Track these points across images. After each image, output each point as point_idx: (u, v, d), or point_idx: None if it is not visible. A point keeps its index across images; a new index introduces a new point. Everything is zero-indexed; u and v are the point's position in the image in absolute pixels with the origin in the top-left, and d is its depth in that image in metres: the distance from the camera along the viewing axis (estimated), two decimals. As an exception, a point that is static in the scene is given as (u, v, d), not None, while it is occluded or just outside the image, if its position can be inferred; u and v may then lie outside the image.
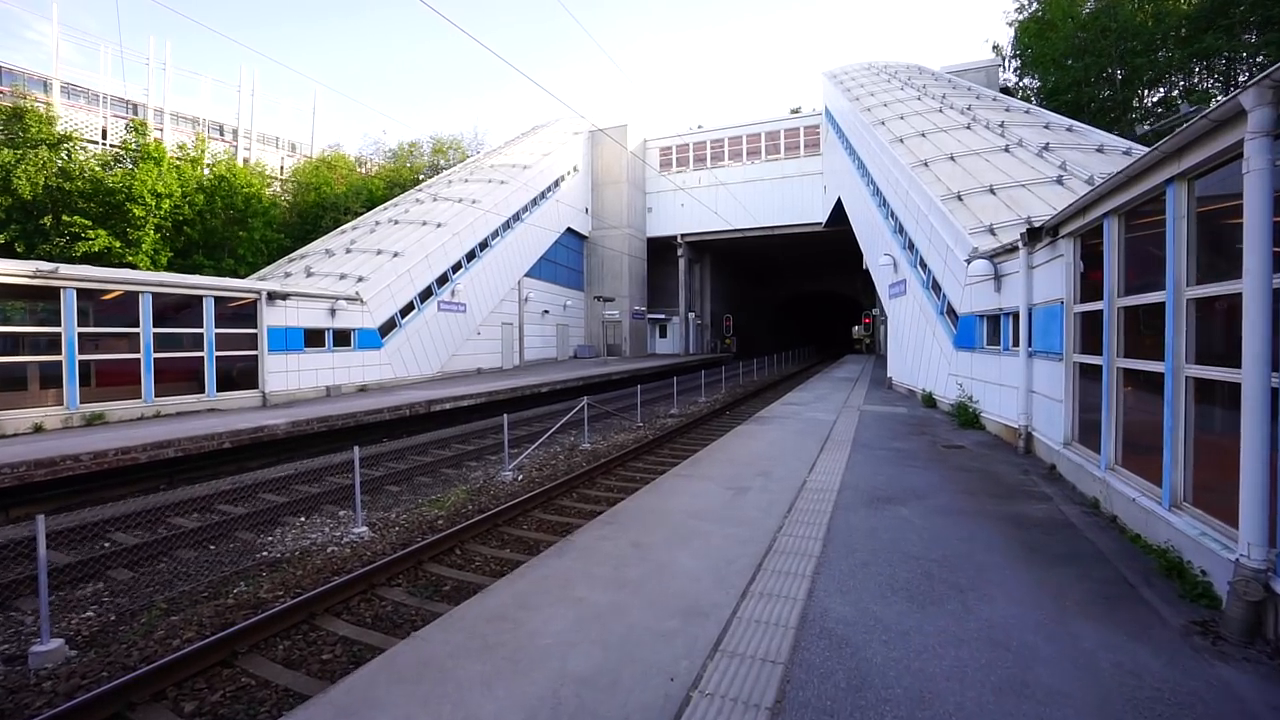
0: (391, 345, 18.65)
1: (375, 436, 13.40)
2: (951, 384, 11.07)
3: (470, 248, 23.52)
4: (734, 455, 7.78)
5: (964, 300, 10.34)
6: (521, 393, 17.72)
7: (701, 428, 14.62)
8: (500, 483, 9.90)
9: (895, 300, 15.97)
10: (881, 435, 9.20)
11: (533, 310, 29.53)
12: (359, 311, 17.30)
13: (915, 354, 14.03)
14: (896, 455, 7.58)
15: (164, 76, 53.91)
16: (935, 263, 12.15)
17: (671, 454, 11.68)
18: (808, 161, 35.84)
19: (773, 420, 10.97)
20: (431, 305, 20.77)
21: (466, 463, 11.46)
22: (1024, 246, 7.44)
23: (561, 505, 8.52)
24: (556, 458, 11.83)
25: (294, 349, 14.98)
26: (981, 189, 11.98)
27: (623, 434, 14.31)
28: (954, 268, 10.87)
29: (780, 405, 13.24)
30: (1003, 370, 8.57)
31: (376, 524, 7.86)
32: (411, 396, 15.20)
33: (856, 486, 5.98)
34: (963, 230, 10.37)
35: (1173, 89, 23.74)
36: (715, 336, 45.45)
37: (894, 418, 11.15)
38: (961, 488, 5.92)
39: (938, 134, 16.63)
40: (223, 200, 20.09)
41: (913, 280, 13.98)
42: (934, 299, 12.41)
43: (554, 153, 32.60)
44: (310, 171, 30.31)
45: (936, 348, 12.17)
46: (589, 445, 12.83)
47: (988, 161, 13.51)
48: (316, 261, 19.87)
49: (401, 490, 9.56)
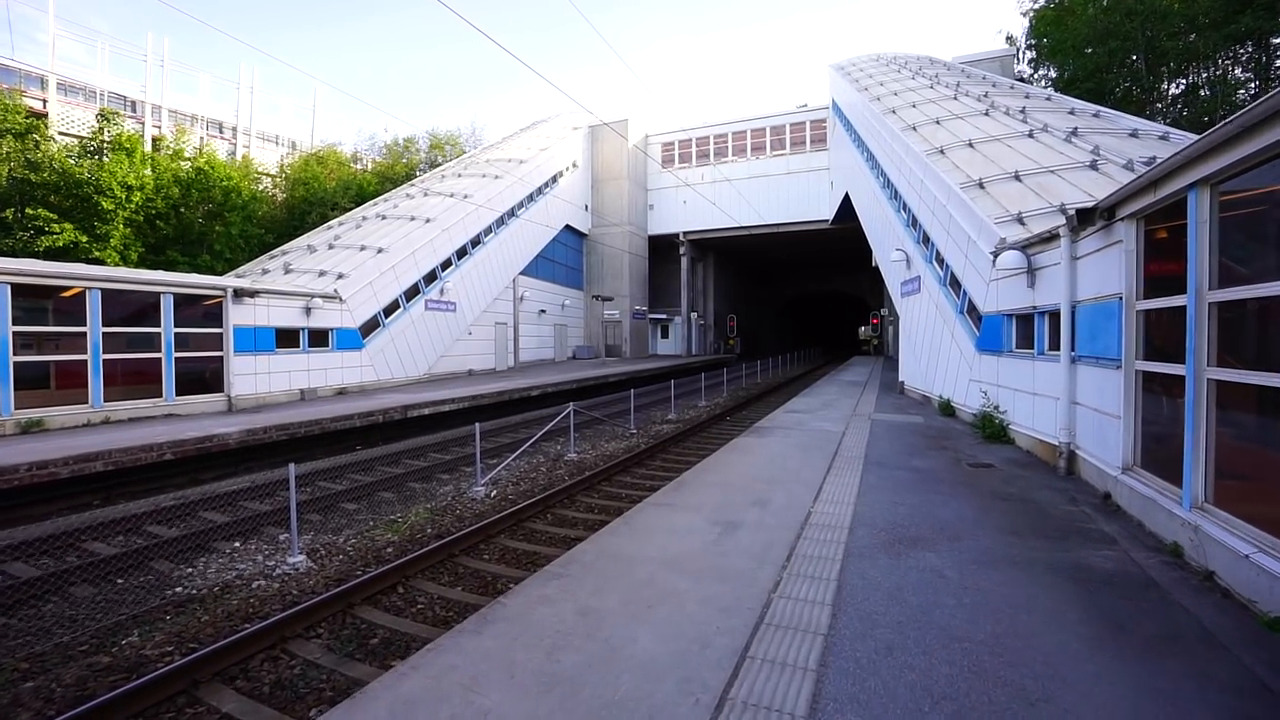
0: (374, 346, 17.71)
1: (347, 444, 12.45)
2: (973, 391, 9.97)
3: (461, 244, 22.57)
4: (727, 475, 6.74)
5: (988, 298, 9.25)
6: (509, 396, 16.74)
7: (698, 436, 13.58)
8: (470, 500, 8.90)
9: (908, 299, 14.87)
10: (897, 450, 8.13)
11: (529, 310, 28.57)
12: (338, 310, 16.36)
13: (931, 357, 12.94)
14: (917, 477, 6.51)
15: (162, 73, 53.51)
16: (954, 257, 11.06)
17: (662, 467, 10.65)
18: (814, 157, 34.70)
19: (774, 431, 9.92)
20: (418, 304, 19.84)
21: (438, 475, 10.47)
22: (1067, 234, 6.36)
23: (531, 529, 7.51)
24: (538, 469, 10.83)
25: (264, 350, 14.05)
26: (1005, 175, 10.88)
27: (614, 442, 13.29)
28: (977, 261, 9.78)
29: (783, 413, 12.18)
30: (1037, 377, 7.48)
31: (319, 551, 6.88)
32: (389, 401, 14.25)
33: (872, 521, 4.93)
34: (987, 219, 9.28)
35: (1198, 76, 22.47)
36: (718, 337, 44.36)
37: (909, 428, 10.07)
38: (1002, 523, 4.85)
39: (953, 121, 15.51)
40: (199, 193, 19.22)
41: (928, 277, 12.88)
42: (952, 297, 11.31)
43: (551, 147, 31.63)
44: (300, 167, 29.47)
45: (955, 350, 11.08)
46: (575, 455, 11.82)
47: (1010, 147, 12.40)
48: (297, 258, 18.97)
49: (359, 508, 8.58)
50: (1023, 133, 13.04)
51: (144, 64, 52.24)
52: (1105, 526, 4.70)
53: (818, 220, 34.56)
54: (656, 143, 38.72)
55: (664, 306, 40.81)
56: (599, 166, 36.38)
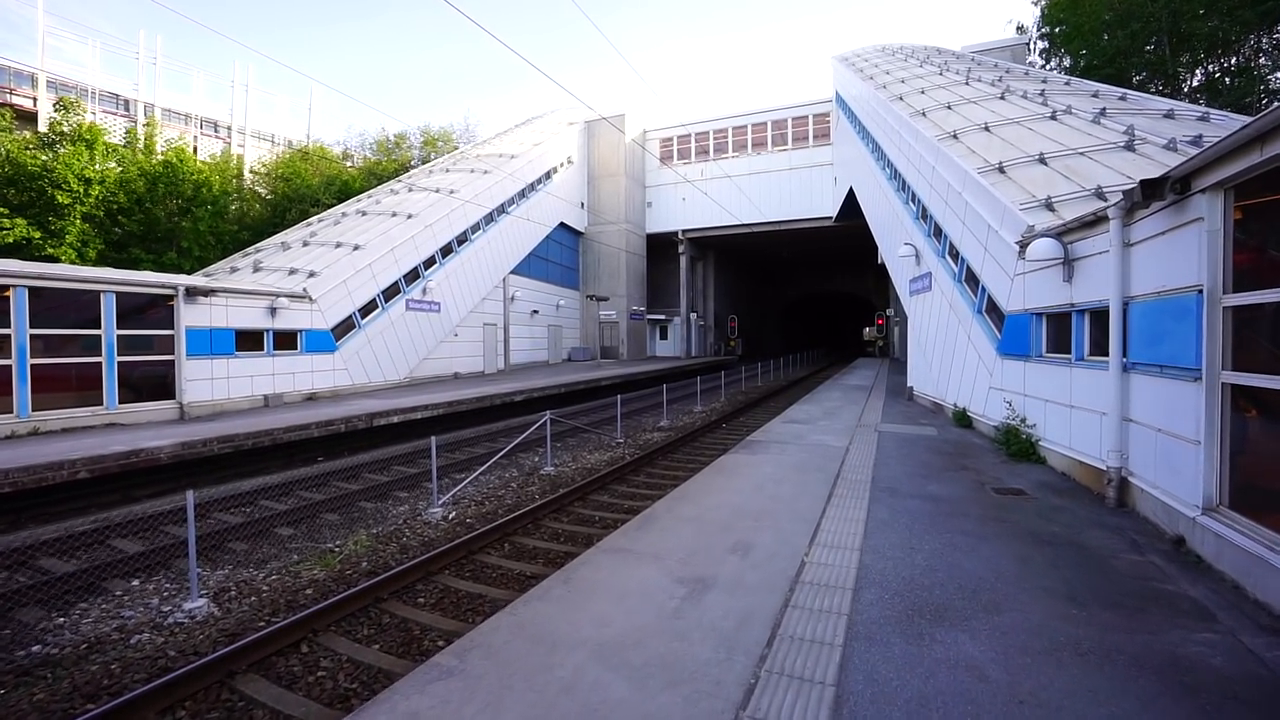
0: (348, 348, 16.70)
1: (308, 455, 11.44)
2: (994, 400, 8.85)
3: (446, 241, 21.55)
4: (706, 507, 5.64)
5: (1013, 294, 8.14)
6: (490, 402, 15.69)
7: (689, 447, 12.49)
8: (424, 523, 7.86)
9: (917, 298, 13.74)
10: (910, 471, 7.02)
11: (520, 310, 27.53)
12: (307, 310, 15.35)
13: (943, 361, 11.81)
14: (935, 509, 5.41)
15: (155, 71, 52.86)
16: (971, 250, 9.94)
17: (646, 484, 9.57)
18: (817, 152, 33.56)
19: (768, 446, 8.81)
20: (398, 304, 18.82)
21: (396, 492, 9.44)
22: (1118, 215, 5.25)
23: (482, 564, 6.44)
24: (508, 486, 9.78)
25: (222, 353, 13.05)
26: (1028, 159, 9.74)
27: (598, 453, 12.23)
28: (998, 253, 8.66)
29: (780, 423, 11.07)
30: (1076, 387, 6.37)
31: (230, 592, 5.84)
32: (356, 408, 13.23)
33: (883, 578, 3.83)
34: (1011, 205, 8.17)
35: (1224, 64, 21.22)
36: (719, 338, 43.23)
37: (921, 443, 8.94)
38: (1052, 583, 3.74)
39: (966, 106, 14.37)
40: (165, 187, 18.25)
41: (940, 273, 11.76)
42: (968, 294, 10.19)
43: (545, 142, 30.60)
44: (286, 164, 28.54)
45: (972, 354, 9.95)
46: (552, 469, 10.77)
47: (1031, 130, 11.26)
48: (269, 256, 17.99)
49: (295, 534, 7.54)
50: (1044, 115, 11.90)
51: (136, 61, 51.66)
52: (1191, 589, 3.59)
53: (821, 217, 33.41)
54: (654, 138, 37.65)
55: (662, 307, 39.71)
56: (595, 163, 35.34)
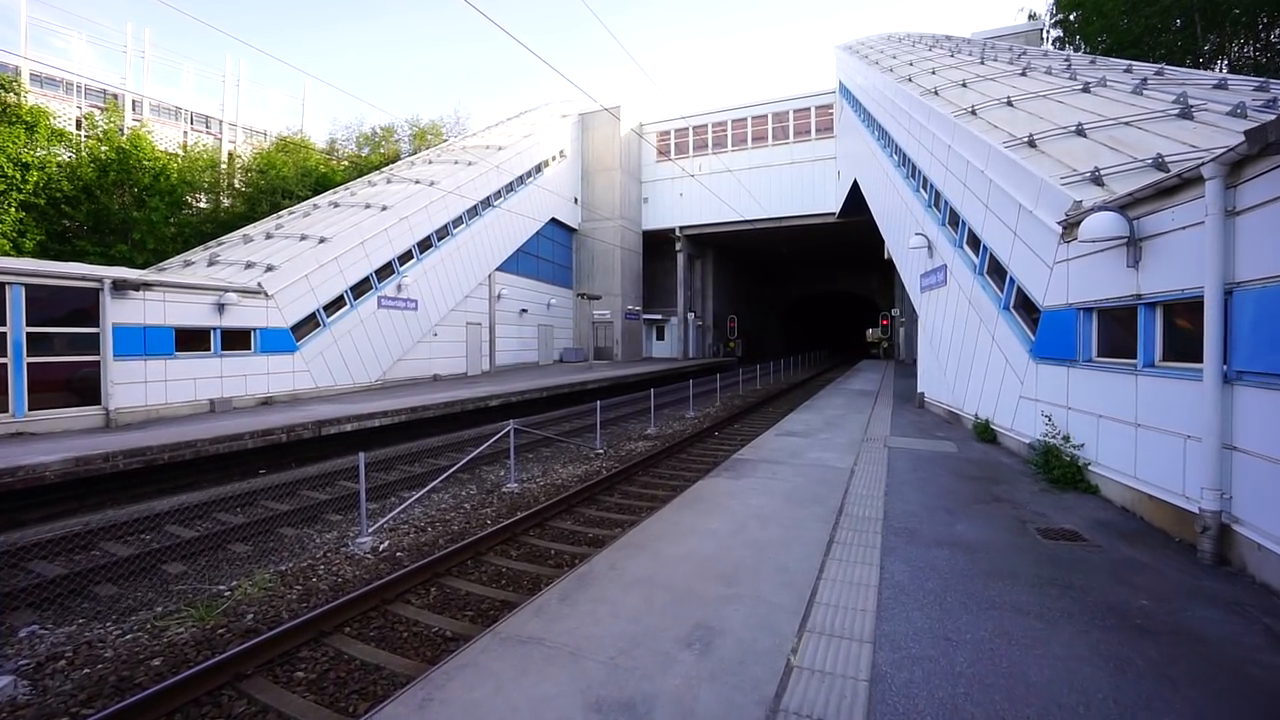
0: (311, 348, 15.44)
1: (248, 467, 10.19)
2: (1026, 412, 7.53)
3: (425, 235, 20.29)
4: (665, 561, 4.31)
5: (1052, 286, 6.82)
6: (462, 407, 14.40)
7: (673, 460, 11.18)
8: (347, 557, 6.57)
9: (929, 294, 12.41)
10: (930, 503, 5.69)
11: (507, 309, 26.25)
12: (262, 307, 14.10)
13: (960, 365, 10.48)
14: (971, 566, 4.09)
15: (143, 65, 51.81)
16: (995, 237, 8.61)
17: (618, 505, 8.27)
18: (819, 145, 32.24)
19: (758, 467, 7.48)
20: (369, 301, 17.56)
21: (329, 514, 8.16)
22: (1217, 174, 3.93)
23: (396, 618, 5.14)
24: (461, 506, 8.50)
25: (158, 353, 11.80)
26: (1064, 131, 8.41)
27: (571, 466, 10.94)
28: (1032, 238, 7.34)
29: (775, 436, 9.74)
30: (1144, 401, 5.05)
31: (60, 662, 4.55)
32: (313, 413, 11.97)
33: (912, 706, 2.52)
34: (1050, 179, 6.85)
35: (1261, 39, 19.81)
36: (718, 339, 41.90)
37: (940, 462, 7.62)
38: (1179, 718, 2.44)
39: (982, 83, 13.05)
40: (117, 175, 17.01)
41: (957, 265, 10.44)
42: (992, 288, 8.86)
43: (535, 134, 29.34)
44: (262, 156, 27.34)
45: (997, 357, 8.62)
46: (516, 486, 9.47)
47: (1061, 103, 9.94)
48: (229, 249, 16.75)
49: (186, 572, 6.26)
50: (1074, 88, 10.58)
51: (124, 55, 50.63)
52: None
53: (823, 213, 32.09)
54: (651, 132, 36.37)
55: (659, 306, 38.41)
56: (590, 157, 34.07)
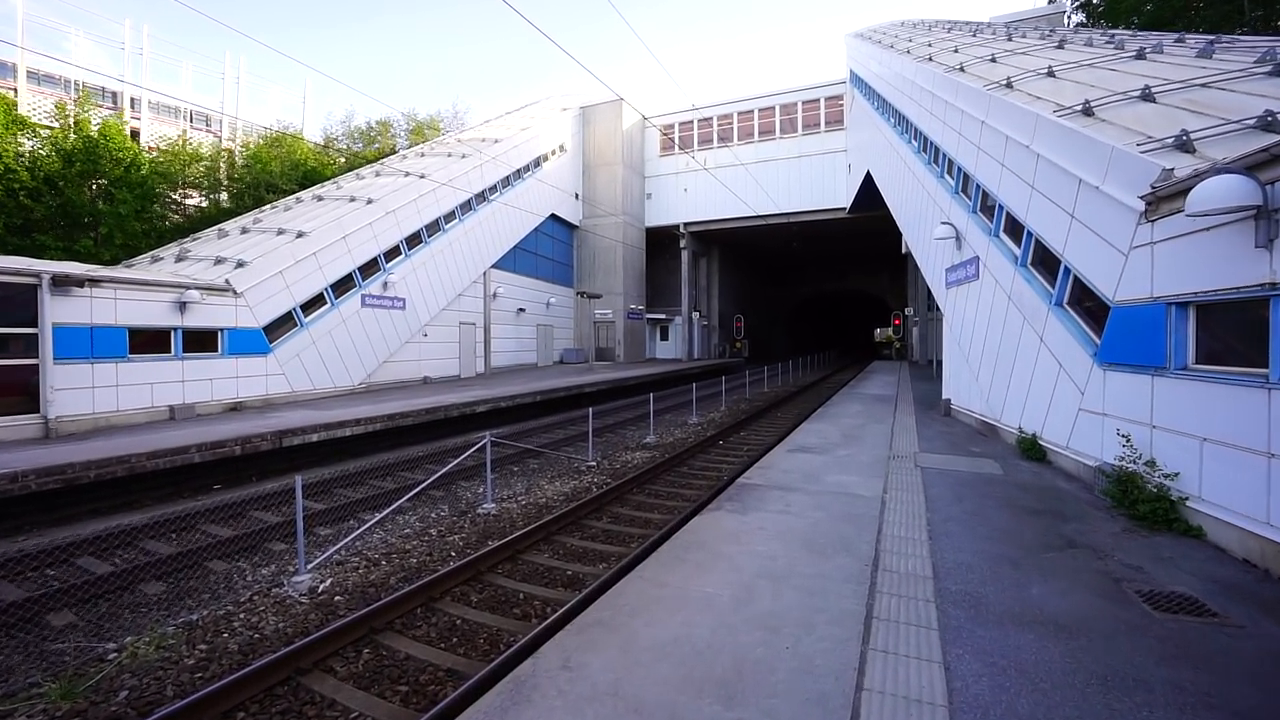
0: (286, 350, 14.42)
1: (200, 484, 9.15)
2: (1088, 427, 6.32)
3: (414, 230, 19.25)
4: (640, 654, 3.14)
5: (1127, 276, 5.62)
6: (446, 414, 13.30)
7: (673, 473, 10.03)
8: (277, 601, 5.49)
9: (957, 290, 11.20)
10: (989, 552, 4.50)
11: (503, 308, 25.19)
12: (231, 306, 13.09)
13: (997, 370, 9.26)
14: (1071, 663, 2.90)
15: (141, 62, 51.24)
16: (1044, 220, 7.40)
17: (607, 532, 7.13)
18: (829, 137, 30.96)
19: (768, 496, 6.30)
20: (352, 299, 16.53)
21: (271, 543, 7.09)
22: None
23: (310, 696, 4.02)
24: (428, 532, 7.42)
25: (108, 356, 10.79)
26: (1125, 97, 7.19)
27: (559, 481, 9.83)
28: (1098, 219, 6.14)
29: (786, 452, 8.55)
30: (1278, 423, 3.85)
31: None
32: (279, 422, 10.93)
33: None
34: (1125, 147, 5.64)
35: None
36: (724, 340, 40.66)
37: (986, 488, 6.42)
38: None
39: (1014, 56, 11.83)
40: (83, 166, 16.10)
41: (992, 256, 9.23)
42: (1039, 281, 7.66)
43: (533, 127, 28.28)
44: (250, 151, 26.47)
45: (1047, 361, 7.41)
46: (493, 506, 8.36)
47: (1114, 70, 8.71)
48: (202, 244, 15.78)
49: (76, 622, 5.19)
50: (1125, 56, 9.35)
51: (122, 52, 50.08)
52: None
53: (834, 209, 30.82)
54: (655, 125, 35.19)
55: (663, 306, 37.25)
56: (591, 151, 32.97)
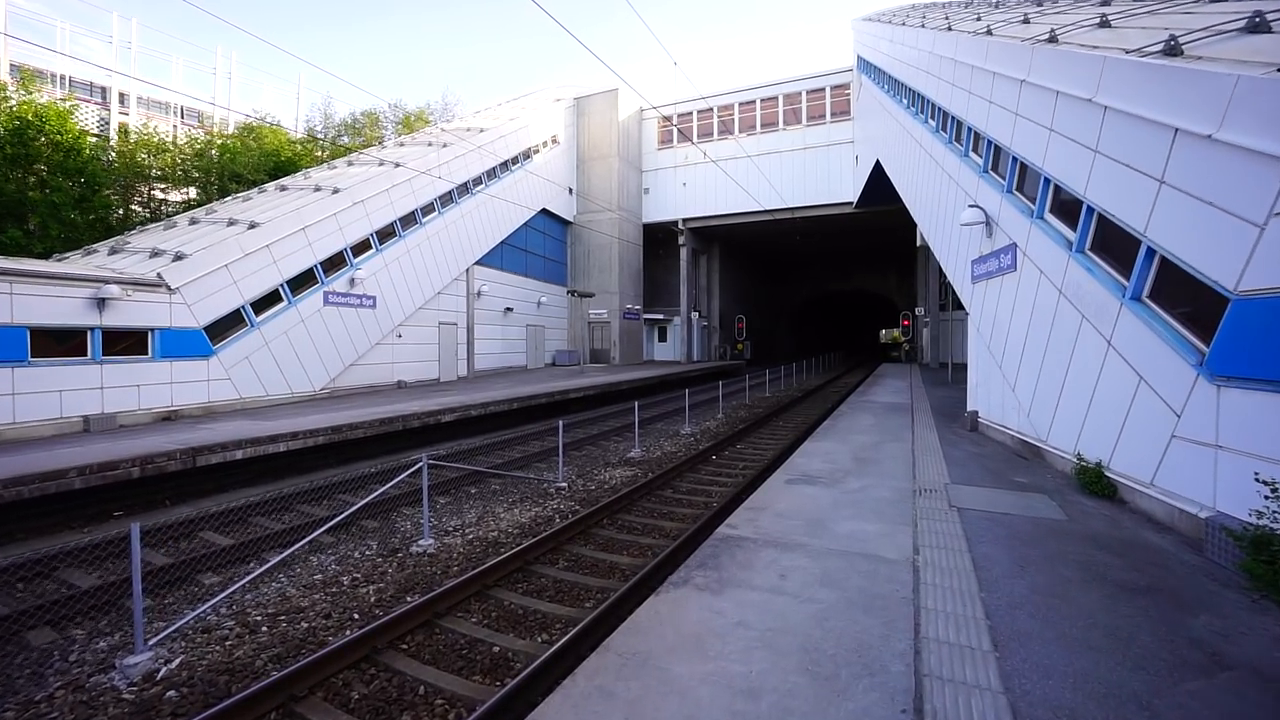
0: (233, 352, 13.00)
1: (99, 509, 7.71)
2: (1190, 462, 4.76)
3: (386, 223, 17.83)
4: None
5: (1261, 257, 4.07)
6: (407, 423, 11.83)
7: (654, 500, 8.50)
8: (99, 694, 4.01)
9: (987, 283, 9.63)
10: (1099, 678, 2.93)
11: (489, 307, 23.76)
12: (164, 302, 11.68)
13: (1042, 378, 7.69)
14: None
15: (130, 56, 50.19)
16: (1118, 190, 5.85)
17: (557, 584, 5.61)
18: (835, 128, 29.41)
19: (757, 558, 4.71)
20: (313, 296, 15.11)
21: (126, 600, 5.62)
22: None
23: None
24: (339, 581, 5.93)
25: (3, 360, 9.38)
26: (1220, 33, 5.62)
27: (519, 508, 8.33)
28: (1204, 180, 4.59)
29: (785, 484, 6.96)
30: None
31: None
32: (209, 435, 9.48)
33: None
34: (1265, 75, 4.09)
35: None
36: (725, 341, 39.09)
37: (1052, 544, 4.83)
38: None
39: (1051, 16, 10.23)
40: (13, 150, 14.73)
41: (1036, 241, 7.67)
42: (1103, 270, 6.10)
43: (523, 117, 26.87)
44: (221, 143, 25.16)
45: (1119, 371, 5.85)
46: (431, 543, 6.88)
47: (1191, 13, 7.13)
48: (145, 236, 14.40)
49: None
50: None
51: (110, 45, 49.03)
52: None
53: (840, 203, 29.26)
54: (652, 118, 33.72)
55: (661, 306, 35.75)
56: (586, 144, 31.51)
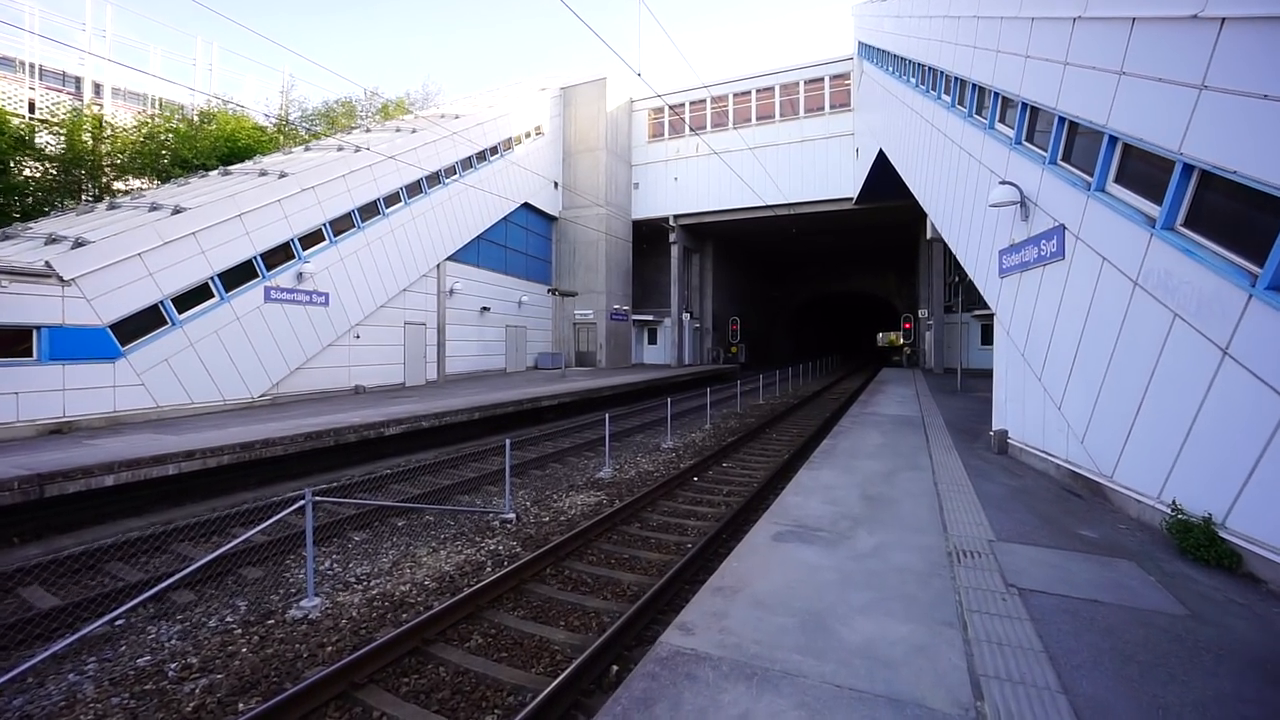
0: (148, 354, 11.32)
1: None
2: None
3: (342, 212, 16.18)
4: None
5: None
6: (340, 438, 10.16)
7: (616, 537, 6.84)
8: None
9: (1020, 276, 8.04)
10: None
11: (463, 306, 22.10)
12: (55, 296, 10.00)
13: (1104, 394, 6.08)
14: None
15: (105, 45, 48.36)
16: (1239, 139, 4.26)
17: (456, 676, 3.89)
18: (834, 120, 27.90)
19: (717, 711, 3.17)
20: (251, 292, 13.43)
21: None
22: None
23: None
24: (175, 661, 4.25)
25: None
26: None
27: (446, 548, 6.68)
28: None
29: (770, 545, 5.27)
30: None
31: None
32: (81, 456, 7.78)
33: None
34: None
35: None
36: (718, 343, 37.50)
37: (1195, 680, 3.18)
38: None
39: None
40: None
41: (1096, 220, 6.08)
42: (1215, 251, 4.50)
43: (501, 103, 25.27)
44: (173, 129, 23.53)
45: (1250, 392, 4.25)
46: (315, 603, 5.23)
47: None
48: (51, 222, 12.71)
49: None
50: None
51: (83, 33, 47.20)
52: None
53: (839, 199, 27.75)
54: (642, 109, 32.15)
55: (651, 306, 34.15)
56: (572, 136, 29.92)
